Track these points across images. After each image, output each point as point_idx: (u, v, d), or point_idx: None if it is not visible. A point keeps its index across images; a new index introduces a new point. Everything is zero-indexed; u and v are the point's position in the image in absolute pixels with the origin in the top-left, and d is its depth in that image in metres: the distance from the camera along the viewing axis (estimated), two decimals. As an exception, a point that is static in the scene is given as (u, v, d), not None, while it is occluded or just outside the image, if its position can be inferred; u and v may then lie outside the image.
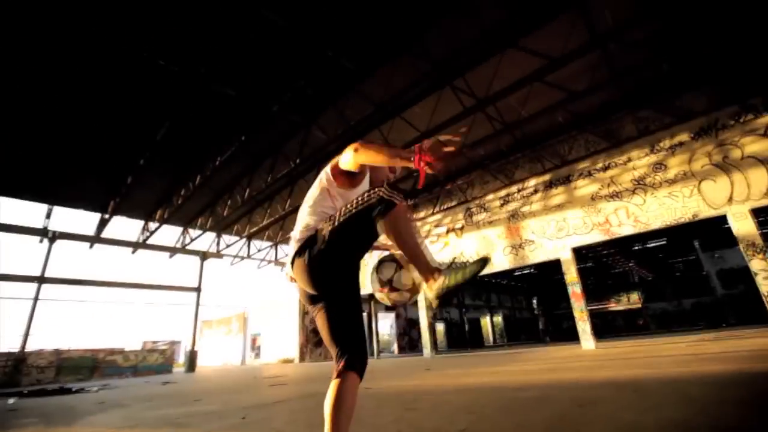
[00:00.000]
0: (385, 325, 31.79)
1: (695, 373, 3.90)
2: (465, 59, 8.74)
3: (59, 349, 13.77)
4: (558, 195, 12.52)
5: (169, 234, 17.13)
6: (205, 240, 17.75)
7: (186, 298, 17.40)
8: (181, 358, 26.28)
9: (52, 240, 13.61)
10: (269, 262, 20.68)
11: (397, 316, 27.52)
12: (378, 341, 21.20)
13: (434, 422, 2.60)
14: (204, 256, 17.86)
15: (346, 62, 8.66)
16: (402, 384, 5.28)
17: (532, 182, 13.23)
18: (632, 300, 38.87)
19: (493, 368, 6.92)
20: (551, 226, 12.41)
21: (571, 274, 11.71)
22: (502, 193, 13.98)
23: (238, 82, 8.77)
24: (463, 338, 31.08)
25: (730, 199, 9.36)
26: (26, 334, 12.41)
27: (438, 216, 16.04)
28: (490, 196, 14.33)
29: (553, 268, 16.37)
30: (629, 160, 11.14)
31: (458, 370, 7.08)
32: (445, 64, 8.82)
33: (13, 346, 12.68)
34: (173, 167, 12.15)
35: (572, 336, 26.33)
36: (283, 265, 21.66)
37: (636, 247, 27.62)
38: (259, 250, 19.70)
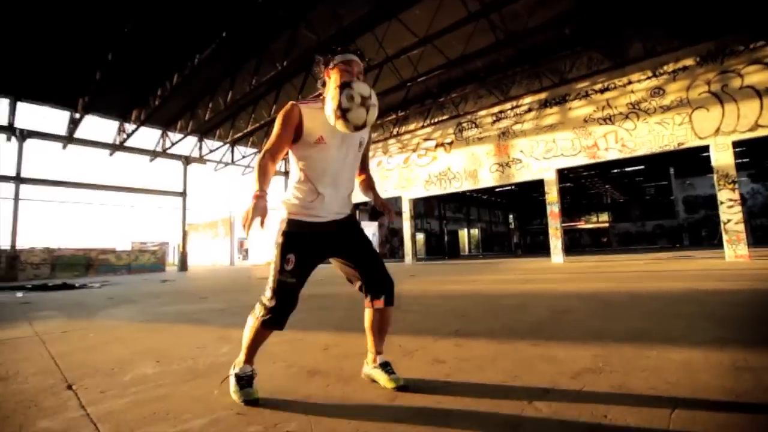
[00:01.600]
0: (368, 234, 32.96)
1: (652, 289, 4.45)
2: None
3: (51, 247, 14.01)
4: (551, 115, 12.35)
5: (148, 137, 16.29)
6: (188, 144, 17.11)
7: (172, 202, 17.40)
8: (171, 258, 27.26)
9: (21, 138, 12.80)
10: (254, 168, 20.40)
11: (380, 226, 28.67)
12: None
13: (431, 323, 2.97)
14: (187, 160, 17.38)
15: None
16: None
17: (528, 100, 12.89)
18: (601, 220, 41.44)
19: (473, 277, 7.59)
20: (540, 147, 12.49)
21: (552, 194, 12.19)
22: (495, 109, 13.65)
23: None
24: (441, 248, 33.11)
25: (717, 130, 9.51)
26: (14, 233, 12.44)
27: (428, 129, 15.75)
28: (483, 112, 14.01)
29: (533, 186, 16.87)
30: (629, 82, 10.85)
31: (440, 278, 7.74)
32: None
33: (4, 245, 12.81)
34: (147, 65, 11.07)
35: (542, 250, 28.33)
36: (268, 173, 21.38)
37: (614, 171, 28.49)
38: (243, 156, 19.26)
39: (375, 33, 10.30)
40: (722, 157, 9.47)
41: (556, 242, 12.07)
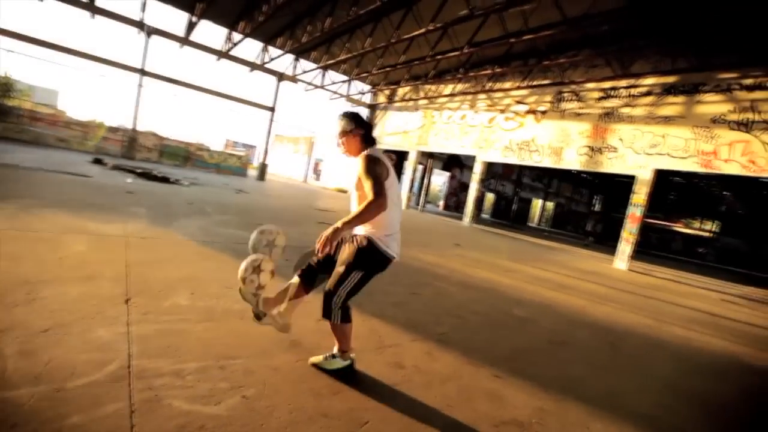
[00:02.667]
0: (438, 181, 33.01)
1: (687, 345, 4.13)
2: None
3: (160, 135, 16.36)
4: (672, 105, 10.56)
5: (250, 50, 17.05)
6: (283, 62, 17.80)
7: (263, 113, 18.75)
8: (254, 162, 30.02)
9: (148, 34, 14.39)
10: (341, 95, 20.76)
11: (452, 177, 28.24)
12: (428, 193, 22.42)
13: (426, 318, 3.24)
14: (281, 77, 18.22)
15: None
16: (426, 260, 6.04)
17: (650, 81, 11.04)
18: (704, 228, 35.96)
19: (513, 265, 7.51)
20: (645, 139, 10.96)
21: (640, 195, 10.94)
22: (607, 84, 11.96)
23: None
24: (508, 213, 31.94)
25: None
26: (135, 117, 14.68)
27: (523, 92, 14.44)
28: (591, 85, 12.37)
29: (608, 177, 15.03)
30: (790, 81, 8.70)
31: (482, 255, 7.78)
32: None
33: (126, 125, 15.23)
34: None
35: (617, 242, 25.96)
36: (354, 101, 21.71)
37: (744, 178, 23.90)
38: (333, 83, 19.59)
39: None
40: None
41: (625, 246, 11.08)
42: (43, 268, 2.63)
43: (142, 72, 14.73)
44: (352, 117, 2.09)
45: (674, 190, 32.73)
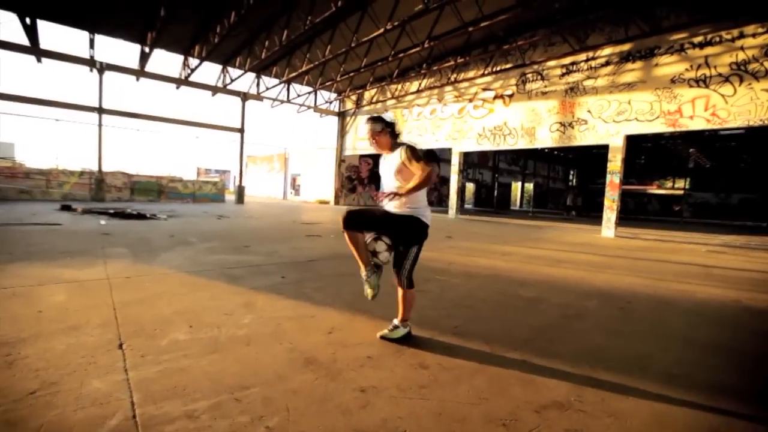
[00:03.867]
0: (417, 180, 32.85)
1: (691, 296, 4.18)
2: None
3: (130, 173, 15.79)
4: (632, 71, 10.87)
5: (210, 73, 16.69)
6: (246, 81, 17.53)
7: (232, 135, 18.39)
8: (231, 186, 29.47)
9: (101, 71, 13.90)
10: (308, 107, 20.59)
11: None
12: (408, 196, 22.47)
13: (437, 312, 3.14)
14: (245, 97, 17.92)
15: None
16: (422, 256, 5.93)
17: (607, 51, 11.34)
18: (676, 186, 37.25)
19: (507, 248, 7.52)
20: (611, 107, 11.23)
21: (615, 162, 11.18)
22: (567, 60, 12.23)
23: None
24: (491, 200, 32.31)
25: (841, 104, 7.88)
26: (99, 157, 14.12)
27: (488, 78, 14.63)
28: (552, 63, 12.63)
29: (584, 150, 15.39)
30: (740, 35, 9.08)
31: (475, 244, 7.75)
32: None
33: (92, 167, 14.64)
34: (206, 1, 11.15)
35: (600, 212, 26.60)
36: (322, 111, 21.56)
37: (706, 133, 24.89)
38: (299, 95, 19.42)
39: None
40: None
41: (610, 215, 11.31)
42: (20, 325, 2.40)
43: (100, 110, 14.21)
44: (379, 120, 2.55)
45: (644, 154, 33.83)
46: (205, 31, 13.18)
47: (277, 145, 27.35)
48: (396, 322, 2.50)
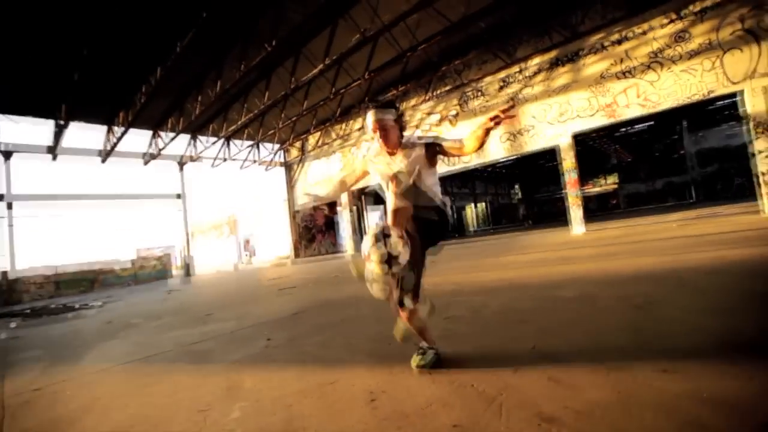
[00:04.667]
0: (374, 218, 32.71)
1: (731, 263, 3.78)
2: None
3: (53, 266, 13.58)
4: (563, 75, 11.45)
5: (140, 140, 15.50)
6: (181, 144, 16.40)
7: (173, 205, 16.84)
8: (177, 262, 26.99)
9: (7, 156, 12.16)
10: (253, 162, 19.69)
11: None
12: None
13: (492, 337, 2.37)
14: (181, 160, 16.71)
15: None
16: (456, 280, 5.16)
17: (536, 61, 11.95)
18: (609, 182, 40.35)
19: (501, 259, 6.99)
20: (553, 110, 11.65)
21: (568, 160, 11.43)
22: (502, 74, 12.74)
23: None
24: (444, 229, 32.41)
25: (754, 72, 8.64)
26: (11, 254, 11.98)
27: (430, 103, 14.88)
28: (489, 79, 13.09)
29: (538, 153, 15.93)
30: (650, 29, 9.90)
31: (462, 263, 7.14)
32: None
33: (4, 267, 12.35)
34: (127, 60, 10.26)
35: (552, 219, 27.58)
36: (267, 164, 20.76)
37: (623, 130, 27.37)
38: (240, 150, 18.52)
39: (369, 1, 9.43)
40: (758, 102, 8.63)
41: (576, 212, 11.37)
42: None
43: (8, 200, 12.24)
44: (391, 107, 1.97)
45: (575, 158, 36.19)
46: (128, 95, 12.13)
47: (224, 208, 25.73)
48: (423, 344, 2.04)
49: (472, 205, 38.17)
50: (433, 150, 1.96)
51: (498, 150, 13.08)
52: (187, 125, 14.17)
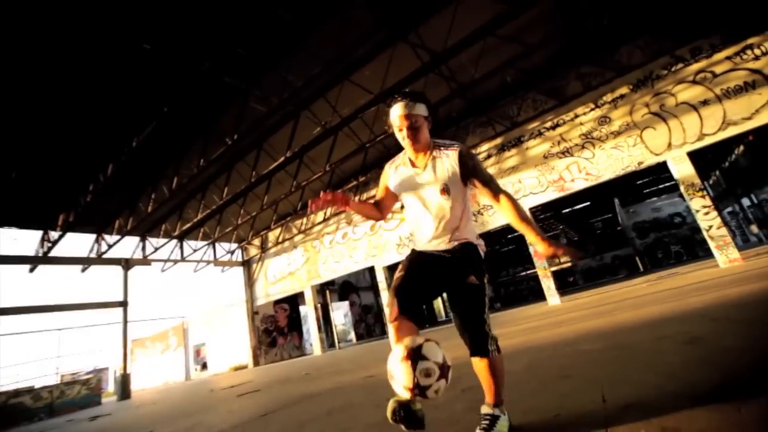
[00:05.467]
0: (340, 315, 31.06)
1: (722, 297, 3.63)
2: (421, 8, 7.97)
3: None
4: (511, 157, 12.50)
5: (80, 242, 14.16)
6: (128, 245, 15.18)
7: (111, 315, 14.81)
8: (111, 386, 22.94)
9: None
10: (208, 263, 18.49)
11: (351, 304, 26.75)
12: (335, 332, 20.28)
13: (545, 397, 1.84)
14: (127, 264, 15.28)
15: (284, 13, 7.40)
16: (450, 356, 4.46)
17: (485, 147, 13.07)
18: (563, 260, 42.39)
19: (497, 331, 6.44)
20: (508, 188, 12.36)
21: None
22: (455, 161, 13.68)
23: (156, 35, 7.04)
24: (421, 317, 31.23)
25: (669, 145, 9.90)
26: None
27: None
28: (443, 166, 13.96)
29: (493, 237, 16.54)
30: (576, 116, 11.35)
31: (456, 341, 6.50)
32: (399, 13, 7.98)
33: None
34: (75, 155, 9.79)
35: (519, 301, 27.64)
36: (224, 264, 19.59)
37: (566, 210, 29.76)
38: (195, 251, 17.45)
39: (326, 97, 10.14)
40: (682, 168, 9.72)
41: (548, 283, 11.36)
42: None
43: None
44: (421, 99, 1.64)
45: (515, 243, 38.27)
46: (72, 195, 11.35)
47: (173, 316, 23.23)
48: (489, 410, 1.59)
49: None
50: (466, 166, 1.63)
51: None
52: (136, 225, 13.30)
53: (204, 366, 21.64)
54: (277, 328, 20.83)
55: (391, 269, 15.88)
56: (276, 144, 11.52)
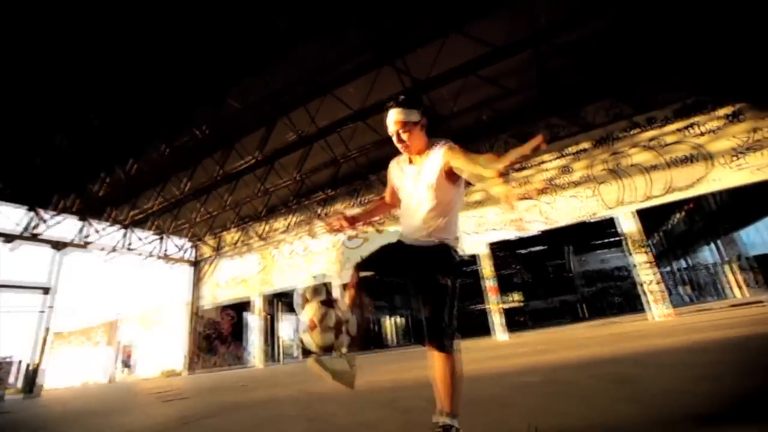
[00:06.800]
0: (288, 328, 30.01)
1: (650, 345, 3.86)
2: (410, 38, 8.25)
3: None
4: (477, 192, 12.92)
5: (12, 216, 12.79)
6: (68, 228, 14.00)
7: (31, 300, 13.40)
8: (18, 382, 20.58)
9: None
10: (156, 257, 17.39)
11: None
12: (280, 345, 19.48)
13: (484, 422, 1.83)
14: (60, 246, 14.01)
15: (282, 23, 7.41)
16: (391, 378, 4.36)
17: (454, 179, 13.45)
18: (515, 299, 43.76)
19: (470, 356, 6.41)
20: (472, 222, 12.73)
21: (487, 268, 12.12)
22: (425, 188, 13.94)
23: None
24: (368, 339, 30.83)
25: (621, 201, 10.66)
26: None
27: (357, 209, 15.35)
28: (413, 191, 14.18)
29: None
30: (542, 162, 12.01)
31: (400, 365, 6.41)
32: (390, 39, 8.22)
33: None
34: (22, 115, 8.92)
35: (470, 332, 28.00)
36: (173, 260, 18.51)
37: (522, 251, 30.98)
38: (140, 239, 16.33)
39: (307, 107, 10.12)
40: (630, 224, 10.45)
41: (499, 318, 11.65)
42: None
43: None
44: (414, 104, 1.72)
45: (470, 276, 39.20)
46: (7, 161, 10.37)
47: (104, 311, 21.47)
48: (446, 420, 1.47)
49: (389, 318, 37.47)
50: (450, 155, 1.63)
51: (422, 256, 13.45)
52: (82, 207, 12.35)
53: (131, 368, 19.96)
54: (219, 335, 19.73)
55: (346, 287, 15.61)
56: (248, 145, 11.26)
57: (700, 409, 1.55)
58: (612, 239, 28.68)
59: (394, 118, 1.70)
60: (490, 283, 11.90)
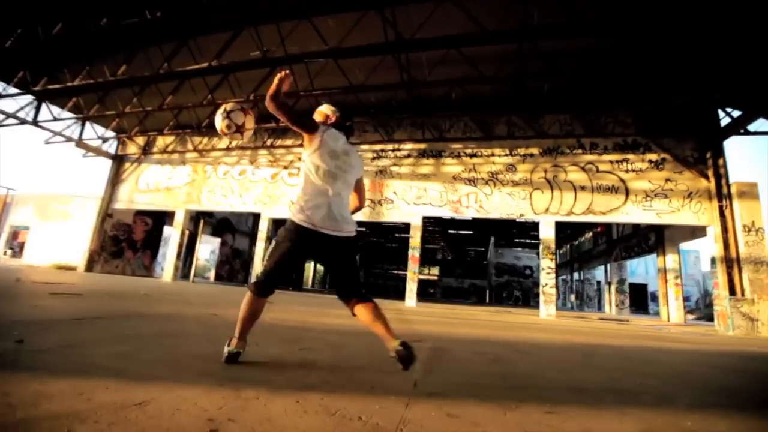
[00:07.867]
0: (206, 250, 29.15)
1: (519, 337, 4.50)
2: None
3: None
4: (427, 165, 13.21)
5: None
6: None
7: None
8: None
9: None
10: (69, 140, 15.39)
11: (223, 243, 25.24)
12: (194, 264, 18.80)
13: (370, 371, 2.04)
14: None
15: None
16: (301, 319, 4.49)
17: (408, 146, 13.56)
18: (432, 272, 46.82)
19: (340, 311, 6.77)
20: (412, 192, 13.09)
21: (415, 239, 12.71)
22: (378, 147, 13.87)
23: None
24: (288, 280, 31.13)
25: (547, 210, 11.67)
26: None
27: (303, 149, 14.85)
28: (365, 147, 14.02)
29: (384, 232, 17.41)
30: (492, 154, 12.56)
31: (311, 309, 6.65)
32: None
33: None
34: None
35: (382, 293, 29.57)
36: (91, 150, 16.57)
37: (451, 231, 32.85)
38: (55, 117, 14.27)
39: (280, 26, 9.29)
40: (548, 232, 11.57)
41: (412, 286, 12.42)
42: None
43: None
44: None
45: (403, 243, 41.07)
46: None
47: (-8, 182, 18.88)
48: (393, 345, 1.94)
49: (312, 263, 38.02)
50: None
51: (357, 214, 13.62)
52: (-19, 55, 10.31)
53: (18, 253, 18.07)
54: (129, 240, 18.50)
55: (276, 223, 15.40)
56: (205, 47, 10.13)
57: (548, 391, 1.91)
58: (530, 241, 31.65)
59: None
60: (414, 253, 12.53)
